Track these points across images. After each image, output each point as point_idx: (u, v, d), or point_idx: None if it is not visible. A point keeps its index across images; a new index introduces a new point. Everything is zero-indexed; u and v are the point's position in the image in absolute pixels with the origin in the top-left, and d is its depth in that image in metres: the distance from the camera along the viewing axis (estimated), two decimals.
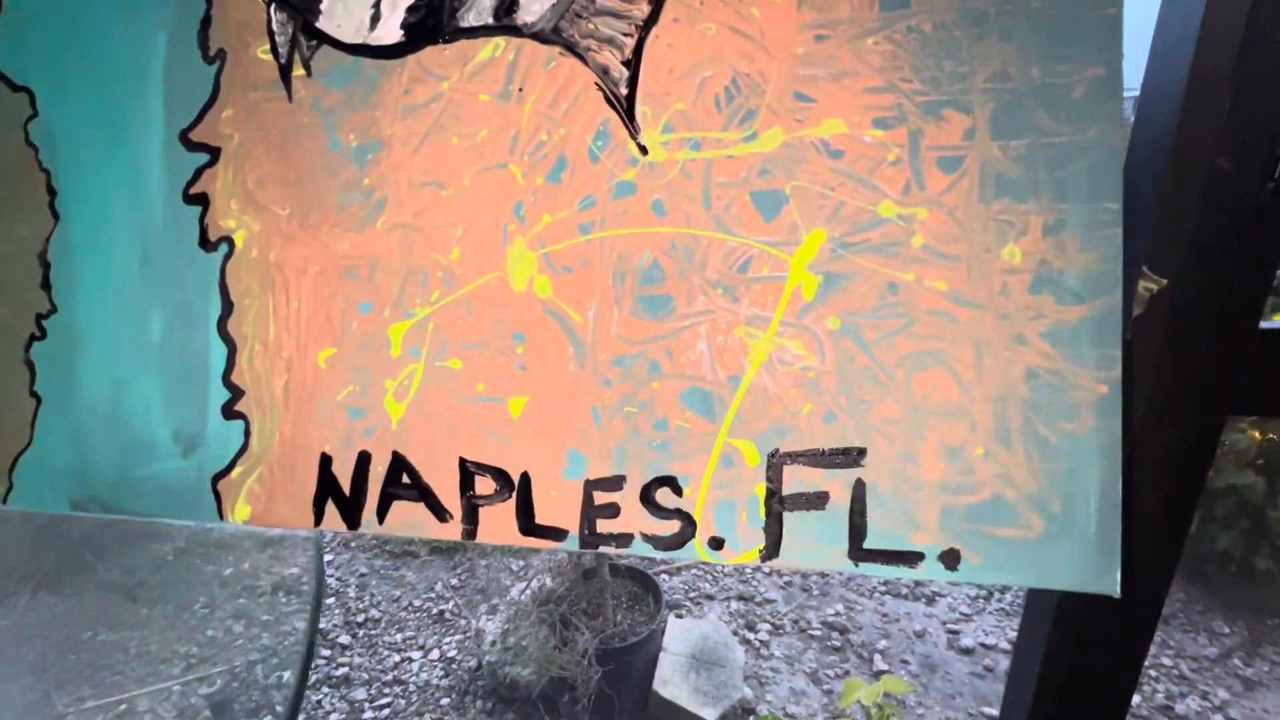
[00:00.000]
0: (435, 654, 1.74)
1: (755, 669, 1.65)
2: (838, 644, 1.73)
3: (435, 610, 1.91)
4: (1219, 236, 0.46)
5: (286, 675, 1.68)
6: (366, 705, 1.62)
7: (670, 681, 1.47)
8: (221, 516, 0.42)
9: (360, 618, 1.91)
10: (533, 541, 0.37)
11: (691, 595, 1.93)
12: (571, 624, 1.48)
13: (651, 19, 0.35)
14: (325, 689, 1.66)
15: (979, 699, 1.55)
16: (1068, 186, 0.32)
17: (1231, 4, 0.44)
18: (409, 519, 0.39)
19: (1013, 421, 0.32)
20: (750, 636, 1.75)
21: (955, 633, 1.75)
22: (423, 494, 0.39)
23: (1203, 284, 0.47)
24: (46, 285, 0.45)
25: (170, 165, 0.42)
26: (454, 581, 2.04)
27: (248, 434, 0.41)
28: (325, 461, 0.40)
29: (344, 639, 1.82)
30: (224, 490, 0.42)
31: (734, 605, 1.87)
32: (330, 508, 0.40)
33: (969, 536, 0.32)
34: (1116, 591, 0.32)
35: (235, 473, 0.41)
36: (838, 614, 1.84)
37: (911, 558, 0.33)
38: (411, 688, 1.65)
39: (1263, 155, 0.45)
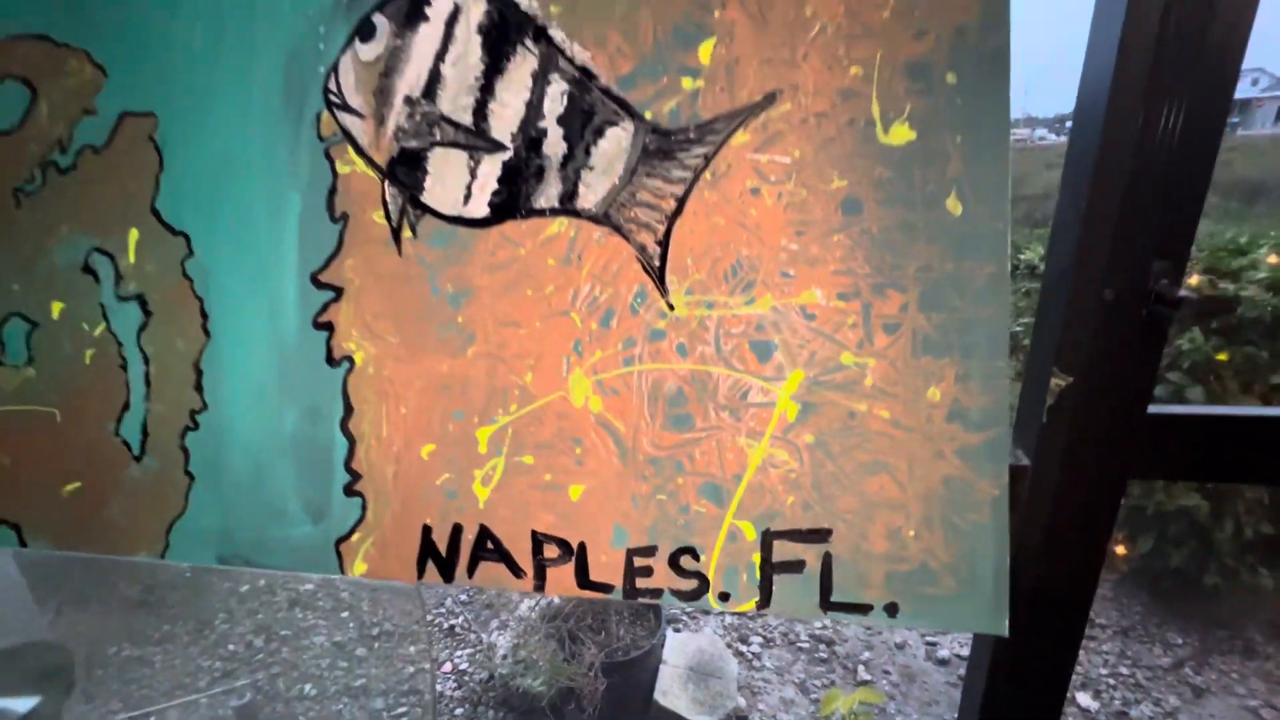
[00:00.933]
0: (448, 666, 1.85)
1: (748, 680, 1.78)
2: (824, 656, 1.86)
3: (446, 625, 2.02)
4: (1109, 346, 0.60)
5: (308, 688, 1.79)
6: (385, 714, 1.72)
7: (670, 692, 1.59)
8: (343, 571, 0.54)
9: (375, 631, 2.02)
10: (587, 594, 0.50)
11: (688, 610, 2.05)
12: (578, 639, 1.60)
13: (677, 212, 0.49)
14: (345, 699, 1.77)
15: (954, 706, 1.69)
16: (971, 349, 0.45)
17: (1119, 169, 0.58)
18: (492, 576, 0.51)
19: (935, 513, 0.45)
20: (743, 649, 1.88)
21: (933, 645, 1.88)
22: (503, 557, 0.51)
23: (1099, 380, 0.61)
24: (199, 388, 0.57)
25: (303, 299, 0.55)
26: (463, 597, 2.15)
27: (364, 508, 0.54)
28: (426, 531, 0.52)
29: (361, 651, 1.93)
30: (345, 551, 0.54)
31: (728, 619, 2.00)
32: (430, 566, 0.52)
33: (904, 594, 0.46)
34: (1006, 633, 0.45)
35: (354, 538, 0.54)
36: (824, 627, 1.96)
37: (864, 608, 0.46)
38: (427, 698, 1.76)
39: (1140, 289, 0.59)
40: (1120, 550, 1.92)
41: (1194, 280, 1.80)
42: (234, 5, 0.55)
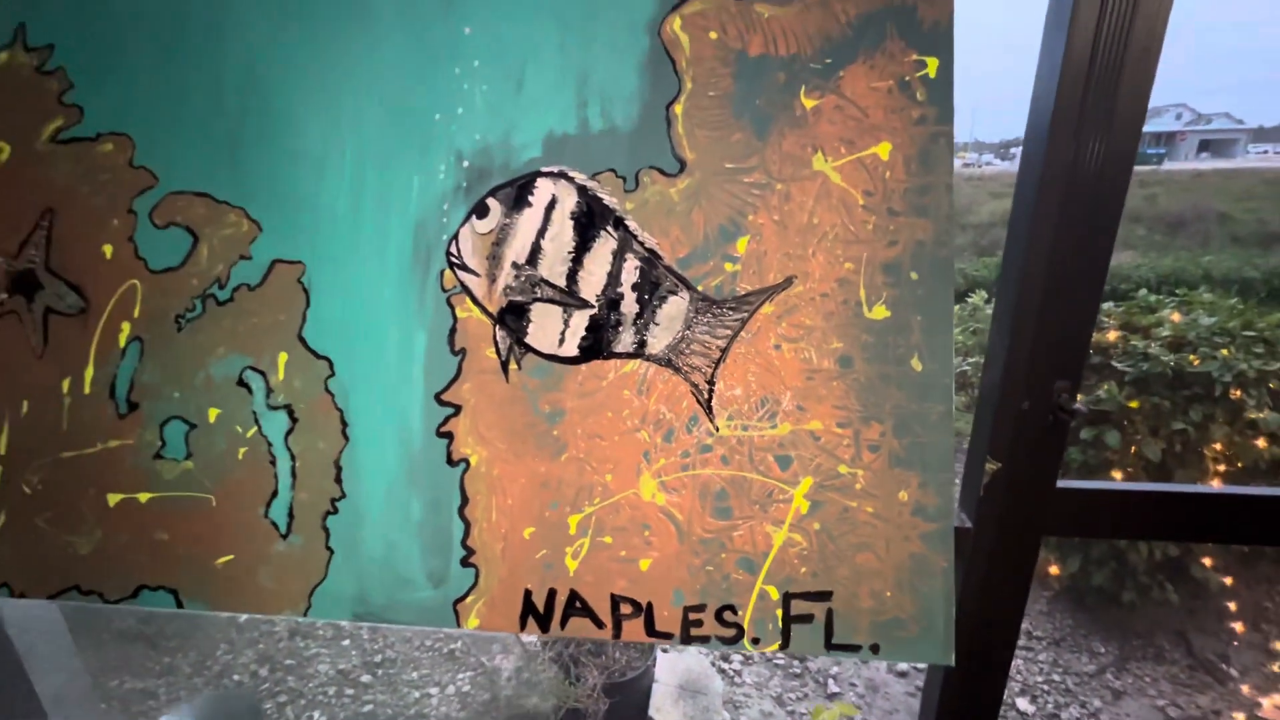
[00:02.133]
0: (451, 689, 1.97)
1: (730, 695, 1.95)
2: (798, 671, 2.05)
3: (446, 650, 2.14)
4: (1026, 442, 0.81)
5: (318, 715, 1.88)
6: None
7: (663, 709, 1.75)
8: (458, 625, 0.70)
9: (378, 658, 2.12)
10: (652, 640, 0.67)
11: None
12: (579, 662, 1.75)
13: (721, 359, 0.67)
14: None
15: (911, 714, 1.90)
16: (928, 465, 0.64)
17: (1028, 302, 0.78)
18: (579, 627, 0.68)
19: (904, 579, 0.64)
20: (725, 667, 2.06)
21: None
22: (588, 613, 0.68)
23: (1020, 465, 0.82)
24: (338, 480, 0.72)
25: (427, 413, 0.70)
26: None
27: (477, 576, 0.69)
28: (527, 594, 0.69)
29: (365, 678, 2.02)
30: (461, 610, 0.70)
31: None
32: (530, 621, 0.69)
33: (883, 637, 0.64)
34: (952, 663, 0.64)
35: (469, 599, 0.70)
36: None
37: (855, 648, 0.64)
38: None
39: (1047, 401, 0.80)
40: (1054, 570, 2.18)
41: (1113, 335, 2.09)
42: (373, 181, 0.71)
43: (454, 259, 0.70)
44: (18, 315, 0.77)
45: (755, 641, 0.66)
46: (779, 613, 0.65)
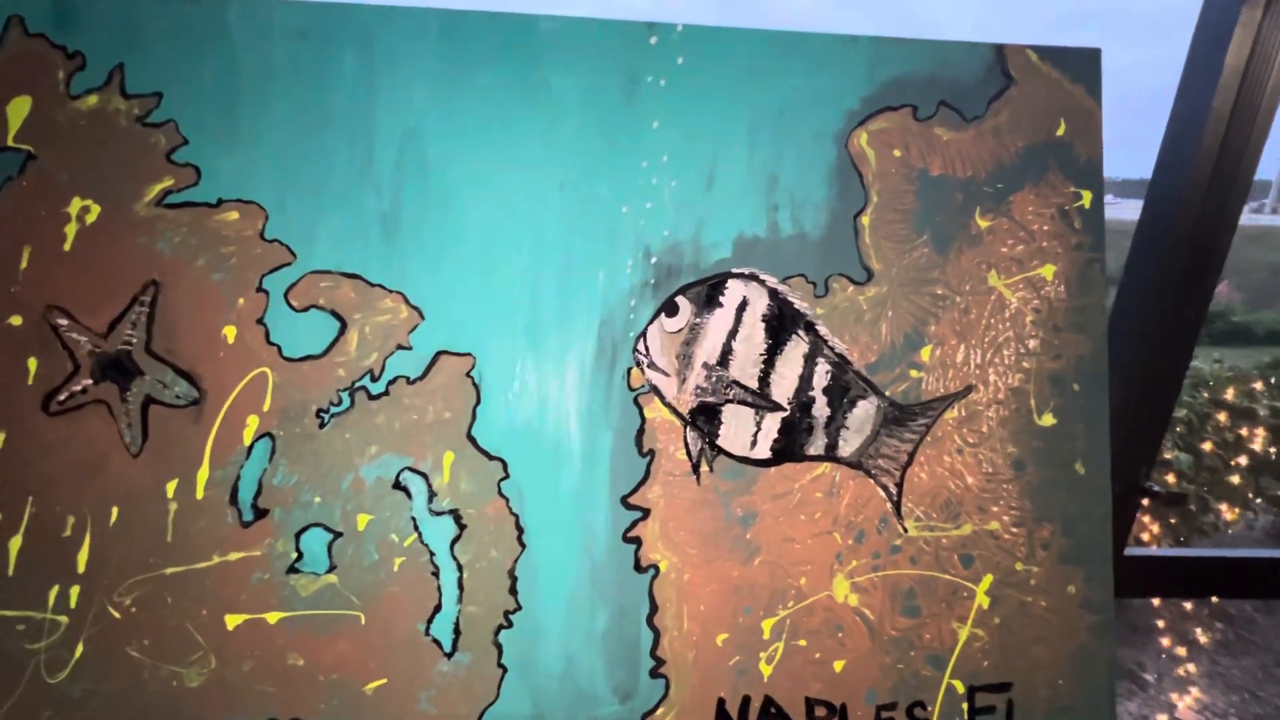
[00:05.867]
0: None
1: None
2: None
3: None
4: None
5: None
6: None
7: None
8: None
9: None
10: None
11: None
12: None
13: (908, 463, 0.70)
14: None
15: None
16: (1091, 560, 0.70)
17: (1127, 401, 0.87)
18: None
19: (1074, 669, 0.70)
20: None
21: None
22: (783, 719, 0.68)
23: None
24: (513, 591, 0.67)
25: (613, 518, 0.68)
26: None
27: (668, 687, 0.67)
28: (720, 703, 0.67)
29: None
30: None
31: None
32: None
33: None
34: None
35: (659, 712, 0.67)
36: None
37: None
38: None
39: (1134, 484, 0.89)
40: None
41: None
42: (552, 272, 0.68)
43: (642, 357, 0.68)
44: (108, 406, 0.65)
45: None
46: (964, 706, 0.69)
